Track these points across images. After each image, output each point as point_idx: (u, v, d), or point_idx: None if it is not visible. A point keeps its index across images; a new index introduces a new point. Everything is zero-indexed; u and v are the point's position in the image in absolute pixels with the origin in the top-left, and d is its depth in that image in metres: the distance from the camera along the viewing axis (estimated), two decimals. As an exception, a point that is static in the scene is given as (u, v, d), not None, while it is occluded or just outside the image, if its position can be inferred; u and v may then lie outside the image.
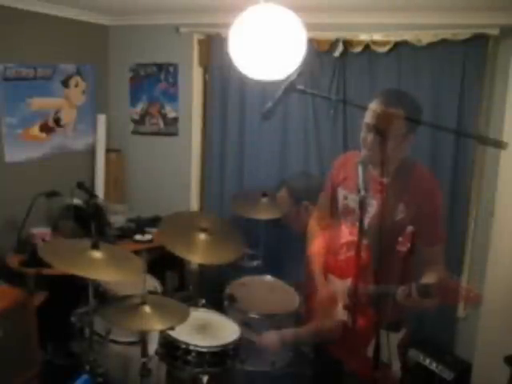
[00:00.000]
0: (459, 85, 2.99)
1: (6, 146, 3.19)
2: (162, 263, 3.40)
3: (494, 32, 2.84)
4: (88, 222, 2.97)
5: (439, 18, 2.98)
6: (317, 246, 2.33)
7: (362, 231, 1.68)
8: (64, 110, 3.62)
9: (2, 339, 2.39)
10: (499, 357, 2.67)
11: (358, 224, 1.92)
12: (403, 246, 1.82)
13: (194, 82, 3.77)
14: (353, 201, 2.08)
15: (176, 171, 3.93)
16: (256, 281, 2.99)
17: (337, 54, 3.22)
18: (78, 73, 3.70)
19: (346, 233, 2.12)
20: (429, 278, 1.88)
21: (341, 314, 2.05)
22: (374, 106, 1.92)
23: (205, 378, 2.33)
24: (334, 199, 2.23)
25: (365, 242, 1.88)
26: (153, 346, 2.42)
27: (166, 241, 2.57)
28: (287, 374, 2.68)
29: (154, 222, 3.64)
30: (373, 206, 1.95)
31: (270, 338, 2.43)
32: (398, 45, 3.09)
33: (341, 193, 2.17)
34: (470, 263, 3.18)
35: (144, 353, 2.35)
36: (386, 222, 1.81)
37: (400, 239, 1.82)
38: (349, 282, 2.02)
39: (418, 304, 1.81)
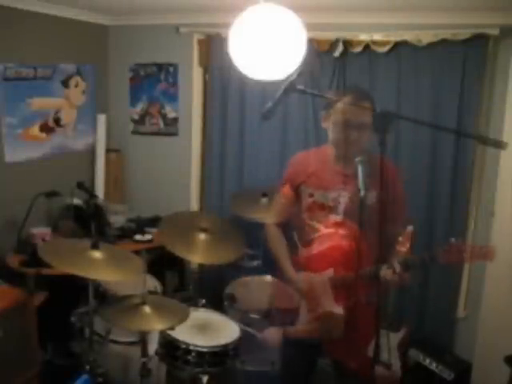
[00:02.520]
0: (459, 85, 2.99)
1: (6, 146, 3.18)
2: (162, 263, 3.40)
3: (494, 32, 2.84)
4: (88, 222, 2.97)
5: (439, 17, 2.98)
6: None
7: (362, 229, 1.71)
8: (64, 110, 3.62)
9: (2, 339, 2.38)
10: (499, 357, 2.67)
11: (331, 217, 2.11)
12: (403, 246, 1.83)
13: (194, 82, 3.77)
14: (321, 196, 2.12)
15: (176, 171, 3.93)
16: (256, 281, 2.99)
17: (337, 54, 3.22)
18: (78, 73, 3.70)
19: (318, 228, 2.13)
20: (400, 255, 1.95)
21: (328, 305, 2.05)
22: (345, 102, 2.01)
23: (205, 378, 2.34)
24: (293, 198, 2.23)
25: (342, 232, 2.04)
26: (153, 345, 2.43)
27: (166, 241, 2.57)
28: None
29: (154, 222, 3.63)
30: (345, 197, 2.09)
31: (272, 333, 2.43)
32: (397, 45, 3.09)
33: (305, 191, 2.17)
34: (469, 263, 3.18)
35: (144, 353, 2.36)
36: (358, 209, 1.84)
37: (400, 239, 1.84)
38: (329, 272, 2.06)
39: (402, 278, 1.91)
